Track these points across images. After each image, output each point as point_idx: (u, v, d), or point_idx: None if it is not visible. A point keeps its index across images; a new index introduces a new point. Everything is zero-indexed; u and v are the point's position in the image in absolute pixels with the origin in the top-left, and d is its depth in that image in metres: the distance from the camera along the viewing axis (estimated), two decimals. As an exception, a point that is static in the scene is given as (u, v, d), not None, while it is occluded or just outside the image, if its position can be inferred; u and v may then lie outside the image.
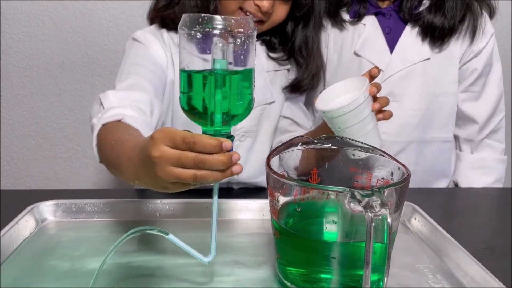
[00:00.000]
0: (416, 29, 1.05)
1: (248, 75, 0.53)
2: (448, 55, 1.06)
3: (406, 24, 1.06)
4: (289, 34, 1.00)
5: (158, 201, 0.79)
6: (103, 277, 0.60)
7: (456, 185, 1.20)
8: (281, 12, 0.94)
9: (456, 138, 1.17)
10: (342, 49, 1.09)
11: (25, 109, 1.47)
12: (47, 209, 0.77)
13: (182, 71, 0.52)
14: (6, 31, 1.41)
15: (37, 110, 1.48)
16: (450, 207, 0.96)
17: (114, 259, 0.64)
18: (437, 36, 1.04)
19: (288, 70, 1.05)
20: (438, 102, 1.08)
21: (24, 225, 0.72)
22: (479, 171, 1.14)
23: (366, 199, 0.47)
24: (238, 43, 0.51)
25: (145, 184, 0.54)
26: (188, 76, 0.52)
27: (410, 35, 1.05)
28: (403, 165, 0.58)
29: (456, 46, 1.06)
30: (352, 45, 1.07)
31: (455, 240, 0.68)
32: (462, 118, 1.14)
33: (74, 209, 0.78)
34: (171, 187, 0.52)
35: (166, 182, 0.51)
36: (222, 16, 0.50)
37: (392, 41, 1.07)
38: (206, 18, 0.49)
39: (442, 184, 1.14)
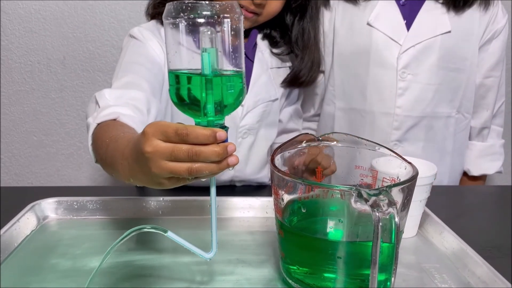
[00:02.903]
0: (437, 2, 1.05)
1: (238, 62, 0.51)
2: (467, 29, 1.06)
3: None
4: (289, 27, 0.99)
5: (160, 198, 0.78)
6: (103, 277, 0.59)
7: (466, 173, 1.21)
8: (276, 4, 0.93)
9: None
10: (352, 21, 1.08)
11: (27, 105, 1.47)
12: (49, 206, 0.76)
13: (169, 63, 0.51)
14: (7, 26, 1.40)
15: (39, 106, 1.47)
16: (457, 205, 0.95)
17: (114, 258, 0.64)
18: (459, 5, 1.04)
19: (290, 67, 1.04)
20: (450, 77, 1.07)
21: (25, 223, 0.71)
22: (489, 158, 1.19)
23: (373, 198, 0.46)
24: (225, 29, 0.49)
25: (140, 181, 0.53)
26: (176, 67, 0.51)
27: (430, 8, 1.05)
28: (410, 163, 0.57)
29: (475, 19, 1.06)
30: (364, 17, 1.06)
31: (461, 239, 0.67)
32: (480, 106, 1.15)
33: (75, 206, 0.77)
34: (167, 183, 0.50)
35: (161, 178, 0.49)
36: (207, 2, 0.48)
37: (407, 14, 1.06)
38: (190, 5, 0.48)
39: (445, 161, 1.13)
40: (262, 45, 1.02)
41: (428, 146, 1.10)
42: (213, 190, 0.53)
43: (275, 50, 1.02)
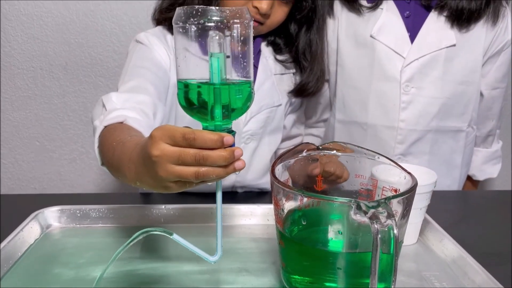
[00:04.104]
0: (442, 15, 1.03)
1: (246, 67, 0.51)
2: (473, 42, 1.04)
3: (427, 9, 1.04)
4: (293, 36, 1.00)
5: (163, 206, 0.79)
6: (107, 286, 0.60)
7: (470, 178, 1.22)
8: (280, 14, 0.93)
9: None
10: (356, 34, 1.07)
11: (29, 111, 1.48)
12: (52, 215, 0.77)
13: (178, 67, 0.51)
14: (9, 33, 1.41)
15: (41, 112, 1.48)
16: (457, 211, 0.95)
17: (117, 266, 0.64)
18: (464, 19, 1.01)
19: (294, 73, 1.05)
20: (459, 91, 1.06)
21: (29, 232, 0.72)
22: (493, 161, 1.21)
23: (372, 210, 0.47)
24: (235, 34, 0.49)
25: (147, 185, 0.53)
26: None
27: (434, 21, 1.03)
28: (409, 173, 0.58)
29: (481, 32, 1.04)
30: (367, 29, 1.05)
31: (461, 247, 0.67)
32: (487, 117, 1.15)
33: (78, 215, 0.78)
34: (173, 187, 0.50)
35: (167, 182, 0.50)
36: (217, 7, 0.49)
37: (411, 26, 1.04)
38: (200, 10, 0.48)
39: (452, 174, 1.13)
40: (266, 52, 1.02)
41: (433, 159, 1.09)
42: (219, 195, 0.53)
43: (279, 57, 1.02)
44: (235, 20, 0.49)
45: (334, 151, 0.65)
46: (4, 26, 1.41)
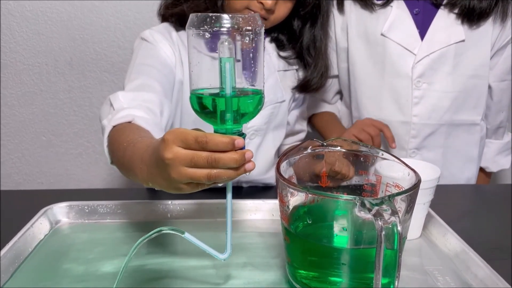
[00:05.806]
0: (452, 12, 1.04)
1: (258, 72, 0.52)
2: (481, 37, 1.06)
3: (436, 6, 1.05)
4: (297, 32, 1.00)
5: (169, 202, 0.80)
6: (114, 281, 0.61)
7: (483, 169, 1.24)
8: (283, 10, 0.94)
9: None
10: (367, 32, 1.09)
11: (35, 107, 1.49)
12: (61, 211, 0.78)
13: (191, 72, 0.52)
14: (15, 29, 1.42)
15: (47, 107, 1.49)
16: (460, 206, 0.96)
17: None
18: (474, 17, 1.03)
19: (297, 70, 1.06)
20: (470, 85, 1.08)
21: (38, 228, 0.73)
22: (505, 153, 1.24)
23: (376, 207, 0.47)
24: (247, 41, 0.50)
25: (159, 185, 0.54)
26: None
27: (444, 17, 1.05)
28: (412, 169, 0.58)
29: (489, 28, 1.06)
30: (378, 27, 1.07)
31: (464, 242, 0.68)
32: (497, 109, 1.17)
33: (87, 210, 0.79)
34: (185, 188, 0.52)
35: (180, 183, 0.51)
36: (230, 15, 0.50)
37: (421, 23, 1.06)
38: (213, 17, 0.49)
39: (470, 168, 1.15)
40: (270, 48, 1.03)
41: (448, 152, 1.11)
42: (229, 196, 0.54)
43: (282, 53, 1.03)
44: (247, 27, 0.50)
45: (339, 147, 0.66)
46: (9, 23, 1.41)
